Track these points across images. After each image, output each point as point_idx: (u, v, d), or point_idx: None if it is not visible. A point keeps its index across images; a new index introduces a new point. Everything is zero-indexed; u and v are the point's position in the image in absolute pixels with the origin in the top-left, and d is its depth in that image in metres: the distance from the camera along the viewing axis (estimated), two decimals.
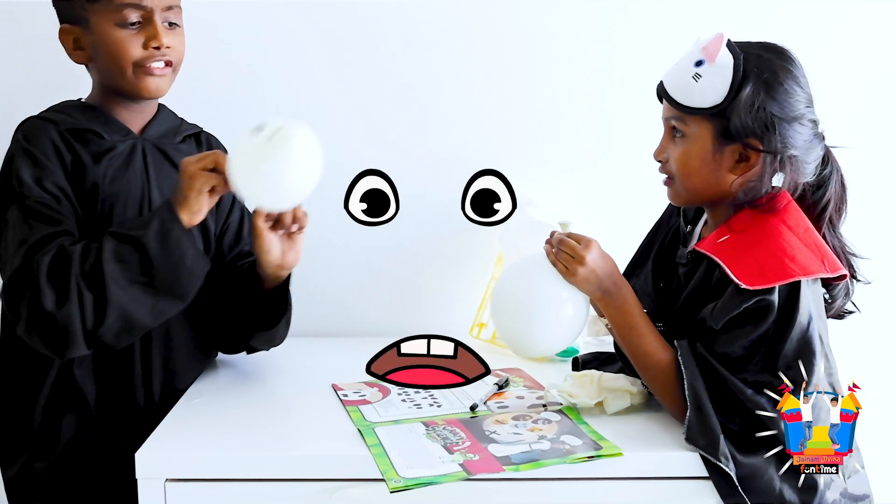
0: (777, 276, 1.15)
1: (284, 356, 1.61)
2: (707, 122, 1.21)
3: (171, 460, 1.17)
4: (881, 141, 1.78)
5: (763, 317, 1.16)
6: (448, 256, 1.77)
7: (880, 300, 1.74)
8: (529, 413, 1.30)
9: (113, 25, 1.32)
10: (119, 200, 1.35)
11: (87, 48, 1.35)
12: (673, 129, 1.25)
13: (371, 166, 1.73)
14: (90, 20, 1.33)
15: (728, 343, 1.18)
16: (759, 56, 1.20)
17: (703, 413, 1.16)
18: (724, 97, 1.18)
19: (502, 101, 1.74)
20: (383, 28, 1.72)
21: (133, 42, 1.33)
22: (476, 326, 1.71)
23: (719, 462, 1.13)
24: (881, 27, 1.75)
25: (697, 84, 1.20)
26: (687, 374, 1.19)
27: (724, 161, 1.21)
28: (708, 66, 1.19)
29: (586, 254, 1.24)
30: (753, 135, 1.19)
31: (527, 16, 1.72)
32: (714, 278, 1.21)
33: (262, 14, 1.70)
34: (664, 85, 1.25)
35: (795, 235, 1.19)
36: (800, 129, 1.19)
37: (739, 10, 1.71)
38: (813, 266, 1.17)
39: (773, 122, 1.18)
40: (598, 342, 1.60)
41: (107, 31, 1.32)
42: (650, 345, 1.23)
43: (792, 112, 1.19)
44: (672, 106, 1.23)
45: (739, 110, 1.18)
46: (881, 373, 1.74)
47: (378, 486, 1.10)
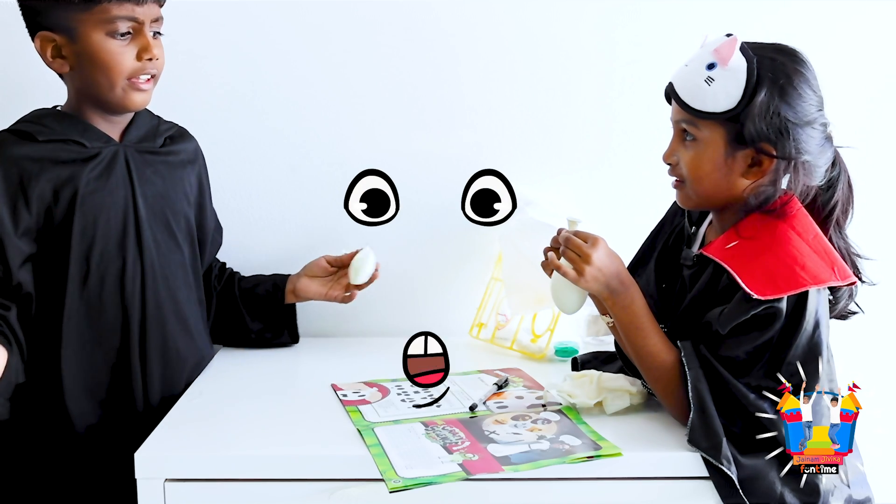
0: (788, 286, 1.14)
1: (284, 356, 1.61)
2: (720, 127, 1.19)
3: (171, 460, 1.17)
4: (885, 140, 1.77)
5: (770, 323, 1.15)
6: (448, 256, 1.77)
7: (881, 300, 1.74)
8: (529, 413, 1.30)
9: (104, 35, 1.29)
10: (103, 211, 1.34)
11: (69, 57, 1.32)
12: (683, 131, 1.23)
13: (371, 166, 1.73)
14: (77, 29, 1.29)
15: (733, 348, 1.17)
16: (773, 59, 1.18)
17: (706, 415, 1.16)
18: (737, 102, 1.17)
19: (503, 102, 1.74)
20: (384, 28, 1.71)
21: (126, 53, 1.31)
22: (476, 326, 1.71)
23: (721, 465, 1.12)
24: (887, 26, 1.75)
25: (710, 88, 1.18)
26: (691, 375, 1.18)
27: (736, 166, 1.20)
28: (720, 69, 1.18)
29: (593, 252, 1.22)
30: (767, 140, 1.17)
31: (528, 15, 1.72)
32: (721, 283, 1.20)
33: (260, 14, 1.70)
34: (674, 87, 1.23)
35: (805, 242, 1.18)
36: (812, 134, 1.18)
37: (742, 10, 1.71)
38: (823, 274, 1.16)
39: (787, 128, 1.16)
40: (598, 342, 1.60)
41: (97, 42, 1.29)
42: (655, 345, 1.23)
43: (805, 117, 1.18)
44: (683, 109, 1.21)
45: (754, 116, 1.16)
46: (881, 373, 1.74)
47: (377, 486, 1.10)
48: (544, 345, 1.60)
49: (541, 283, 1.59)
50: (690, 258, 1.28)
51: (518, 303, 1.61)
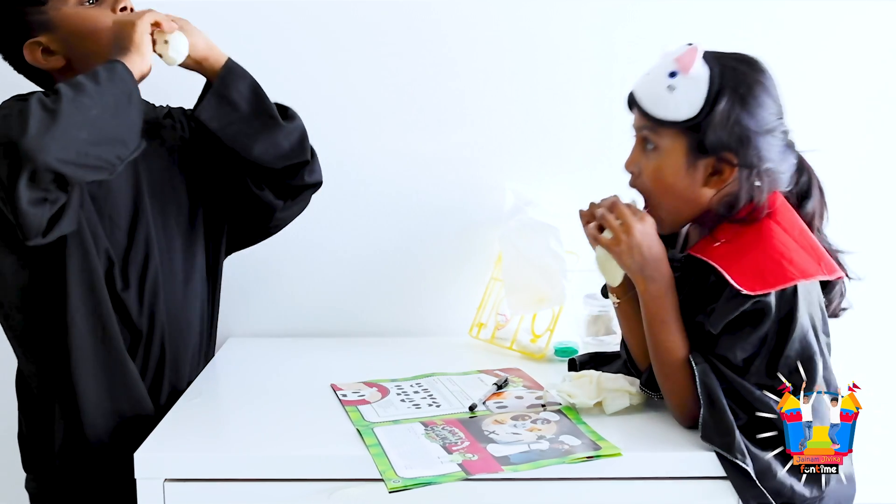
0: (777, 280, 1.15)
1: (284, 356, 1.62)
2: (681, 135, 1.19)
3: (170, 460, 1.17)
4: (885, 141, 1.77)
5: (761, 319, 1.15)
6: (448, 256, 1.77)
7: (881, 300, 1.74)
8: (528, 413, 1.30)
9: (75, 6, 1.30)
10: (112, 190, 1.34)
11: (58, 48, 1.31)
12: (644, 140, 1.23)
13: (371, 166, 1.74)
14: (50, 17, 1.29)
15: (728, 347, 1.17)
16: (734, 69, 1.19)
17: (716, 409, 1.15)
18: (699, 110, 1.17)
19: (502, 102, 1.74)
20: (383, 29, 1.71)
21: (103, 14, 1.30)
22: (475, 326, 1.71)
23: (735, 459, 1.12)
24: (886, 26, 1.75)
25: (672, 96, 1.18)
26: (699, 370, 1.17)
27: (697, 175, 1.20)
28: (682, 77, 1.18)
29: (637, 224, 1.20)
30: (728, 149, 1.18)
31: (526, 16, 1.72)
32: (709, 281, 1.20)
33: (259, 15, 1.70)
34: (636, 95, 1.23)
35: (791, 237, 1.18)
36: (773, 142, 1.19)
37: (737, 13, 1.71)
38: (811, 269, 1.17)
39: (747, 136, 1.17)
40: (598, 342, 1.60)
41: (72, 15, 1.29)
42: (675, 341, 1.21)
43: (766, 125, 1.18)
44: (644, 117, 1.21)
45: (715, 124, 1.16)
46: (881, 373, 1.74)
47: (377, 486, 1.10)
48: (544, 345, 1.60)
49: (540, 283, 1.60)
50: (678, 259, 1.28)
51: (518, 303, 1.62)
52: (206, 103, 1.37)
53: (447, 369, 1.49)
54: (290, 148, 1.43)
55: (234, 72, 1.38)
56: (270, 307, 1.77)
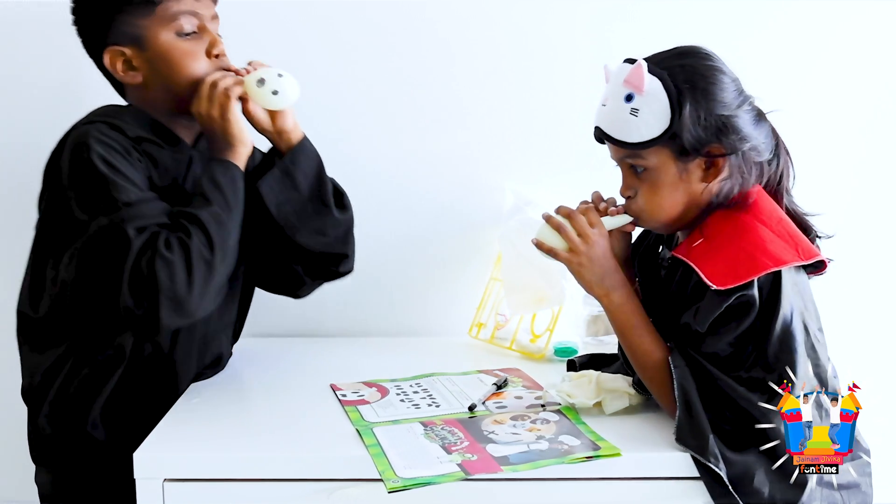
0: (748, 272, 1.15)
1: (284, 356, 1.61)
2: (663, 149, 1.20)
3: (170, 460, 1.17)
4: (885, 141, 1.77)
5: (745, 312, 1.16)
6: (448, 256, 1.77)
7: (881, 300, 1.74)
8: (528, 413, 1.30)
9: (173, 36, 1.29)
10: None
11: (141, 67, 1.30)
12: (631, 167, 1.24)
13: (370, 166, 1.74)
14: (145, 36, 1.29)
15: (715, 343, 1.18)
16: (682, 66, 1.19)
17: (692, 413, 1.16)
18: (669, 120, 1.17)
19: (501, 102, 1.74)
20: (381, 29, 1.71)
21: (196, 51, 1.31)
22: (475, 326, 1.71)
23: (709, 462, 1.12)
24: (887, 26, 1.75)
25: (639, 119, 1.18)
26: (676, 373, 1.18)
27: (691, 177, 1.21)
28: (639, 98, 1.18)
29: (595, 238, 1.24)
30: (711, 142, 1.18)
31: (524, 16, 1.72)
32: (692, 281, 1.20)
33: (259, 15, 1.70)
34: (604, 130, 1.23)
35: (768, 228, 1.19)
36: (745, 116, 1.20)
37: (735, 10, 1.71)
38: (786, 255, 1.17)
39: (723, 123, 1.18)
40: (598, 342, 1.60)
41: (167, 43, 1.29)
42: (649, 344, 1.23)
43: (734, 103, 1.19)
44: (621, 147, 1.22)
45: (689, 126, 1.17)
46: (881, 373, 1.74)
47: (376, 486, 1.10)
48: (543, 345, 1.60)
49: (540, 283, 1.60)
50: (667, 259, 1.28)
51: (517, 303, 1.61)
52: (270, 177, 1.35)
53: (447, 369, 1.49)
54: (335, 239, 1.44)
55: (306, 151, 1.39)
56: (270, 307, 1.77)
